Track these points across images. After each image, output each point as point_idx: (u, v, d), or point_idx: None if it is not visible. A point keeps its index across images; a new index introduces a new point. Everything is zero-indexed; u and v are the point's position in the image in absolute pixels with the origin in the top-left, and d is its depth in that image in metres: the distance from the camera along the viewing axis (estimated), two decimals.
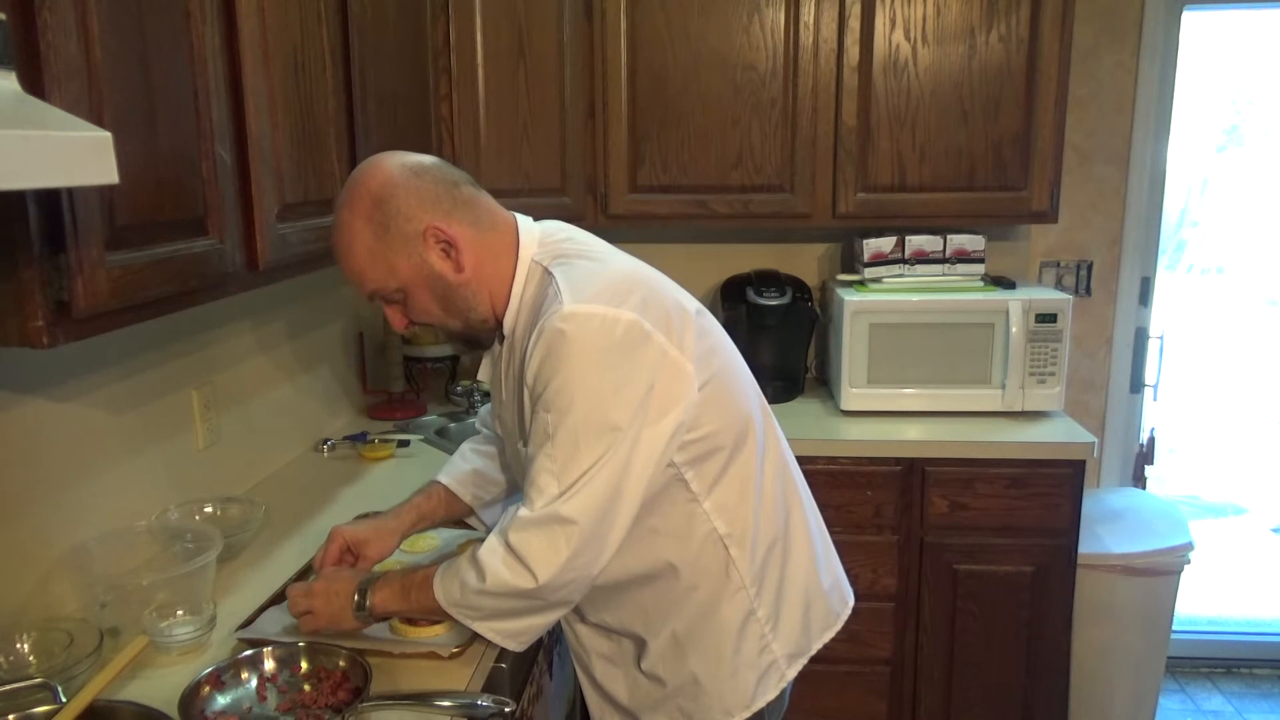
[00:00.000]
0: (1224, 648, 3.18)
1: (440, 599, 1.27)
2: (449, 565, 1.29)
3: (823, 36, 2.46)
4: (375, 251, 1.25)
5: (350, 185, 1.28)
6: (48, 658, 1.27)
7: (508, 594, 1.22)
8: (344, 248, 1.28)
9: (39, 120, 0.83)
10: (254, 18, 1.37)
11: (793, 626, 1.45)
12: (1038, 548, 2.38)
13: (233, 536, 1.64)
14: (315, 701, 1.22)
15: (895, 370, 2.50)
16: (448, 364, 2.81)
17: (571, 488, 1.19)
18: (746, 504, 1.37)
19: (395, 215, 1.25)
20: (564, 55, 2.47)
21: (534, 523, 1.20)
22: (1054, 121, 2.46)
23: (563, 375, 1.19)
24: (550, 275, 1.28)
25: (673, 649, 1.39)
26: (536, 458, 1.21)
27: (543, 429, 1.21)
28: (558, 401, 1.20)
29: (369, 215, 1.25)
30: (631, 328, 1.22)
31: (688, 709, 1.41)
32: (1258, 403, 4.03)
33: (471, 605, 1.26)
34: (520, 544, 1.20)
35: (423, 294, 1.29)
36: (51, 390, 1.46)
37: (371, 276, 1.27)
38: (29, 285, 0.98)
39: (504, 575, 1.21)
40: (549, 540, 1.20)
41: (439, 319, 1.33)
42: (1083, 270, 2.92)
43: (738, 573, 1.38)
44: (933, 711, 2.49)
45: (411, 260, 1.27)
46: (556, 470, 1.20)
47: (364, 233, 1.25)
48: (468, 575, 1.24)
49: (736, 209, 2.56)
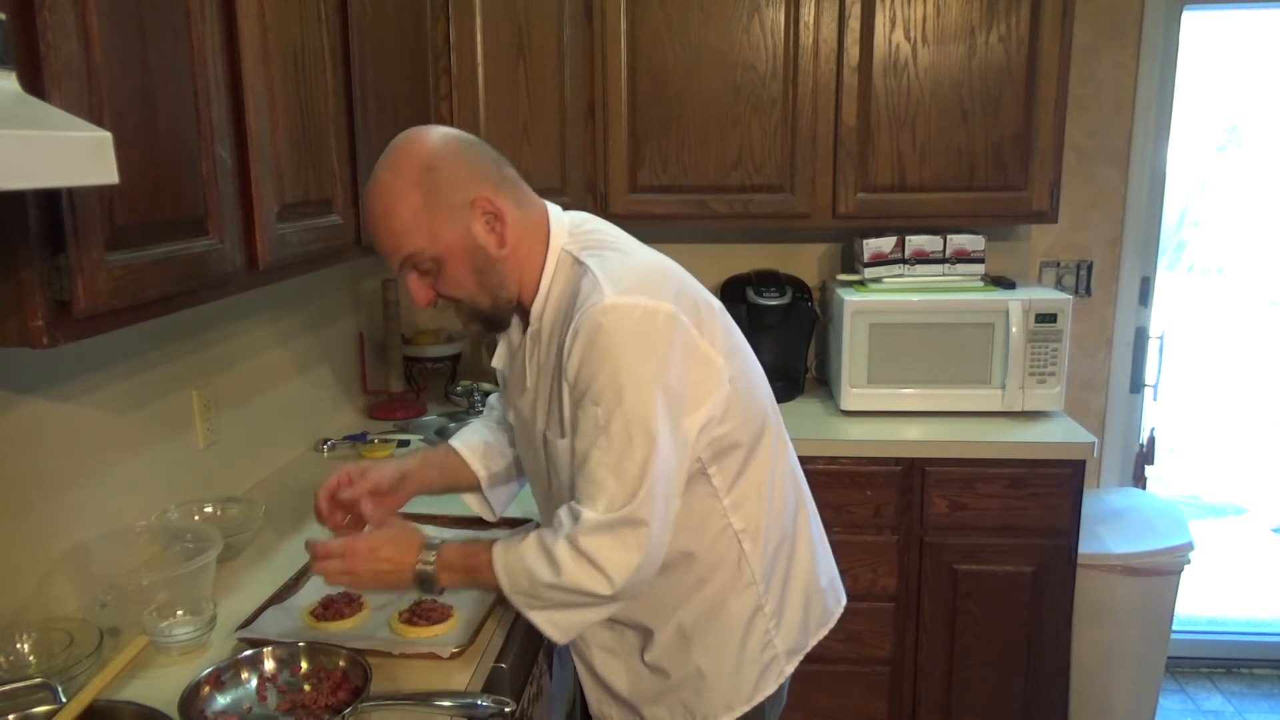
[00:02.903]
0: (1224, 648, 3.18)
1: (505, 586, 1.27)
2: (510, 551, 1.27)
3: (823, 36, 2.46)
4: (420, 216, 1.23)
5: (394, 151, 1.26)
6: (48, 658, 1.27)
7: (579, 593, 1.22)
8: (384, 209, 1.24)
9: (39, 120, 0.83)
10: (254, 18, 1.36)
11: (794, 623, 1.47)
12: (1038, 548, 2.38)
13: (233, 536, 1.64)
14: (315, 701, 1.22)
15: (895, 370, 2.50)
16: (448, 364, 2.81)
17: (637, 486, 1.19)
18: (761, 501, 1.39)
19: (444, 183, 1.24)
20: (564, 55, 2.47)
21: (605, 527, 1.20)
22: (1054, 121, 2.46)
23: (610, 367, 1.19)
24: (583, 265, 1.28)
25: (679, 641, 1.40)
26: (590, 453, 1.21)
27: (593, 422, 1.21)
28: (607, 394, 1.19)
29: (417, 180, 1.23)
30: (670, 319, 1.23)
31: (689, 702, 1.42)
32: (1258, 403, 4.03)
33: (539, 597, 1.25)
34: (594, 549, 1.20)
35: (461, 265, 1.27)
36: (51, 390, 1.46)
37: (411, 241, 1.24)
38: (29, 285, 0.97)
39: (578, 577, 1.21)
40: (623, 544, 1.20)
41: (470, 294, 1.30)
42: (1083, 270, 2.92)
43: (749, 568, 1.40)
44: (933, 711, 2.49)
45: (456, 228, 1.25)
46: (612, 464, 1.20)
47: (410, 196, 1.23)
48: (539, 567, 1.23)
49: (736, 209, 2.56)
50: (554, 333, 1.30)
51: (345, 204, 1.71)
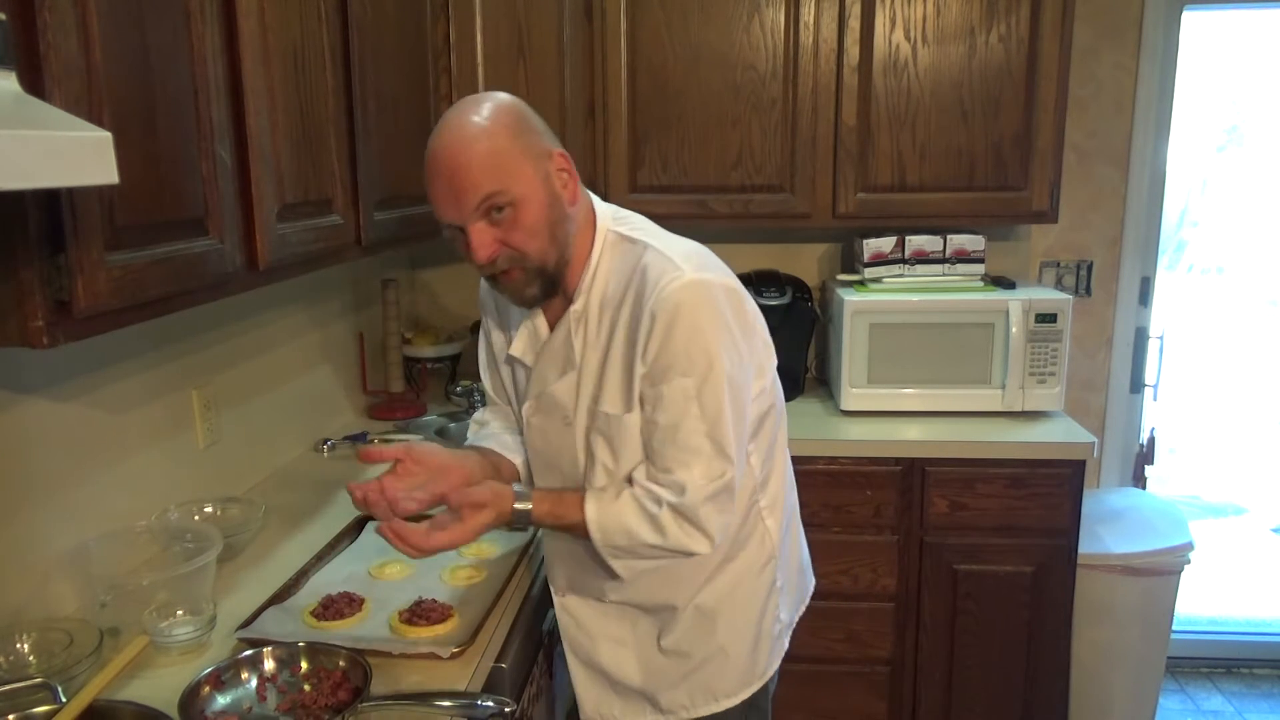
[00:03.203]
0: (1224, 648, 3.18)
1: (599, 541, 1.31)
2: (606, 509, 1.30)
3: (823, 36, 2.46)
4: (508, 153, 1.23)
5: (472, 100, 1.27)
6: (48, 658, 1.27)
7: (678, 552, 1.29)
8: (467, 140, 1.22)
9: (39, 120, 0.83)
10: (254, 18, 1.36)
11: (793, 596, 1.56)
12: (1038, 548, 2.38)
13: (233, 536, 1.64)
14: (315, 701, 1.22)
15: (895, 370, 2.50)
16: (447, 364, 2.82)
17: (732, 452, 1.28)
18: (778, 477, 1.46)
19: (529, 130, 1.27)
20: (564, 55, 2.47)
21: (709, 494, 1.27)
22: (1054, 121, 2.46)
23: (701, 340, 1.24)
24: (642, 244, 1.32)
25: (701, 621, 1.43)
26: (683, 423, 1.26)
27: (683, 394, 1.25)
28: (698, 366, 1.24)
29: (507, 123, 1.25)
30: (739, 294, 1.33)
31: (710, 681, 1.45)
32: (1258, 403, 4.03)
33: (634, 554, 1.31)
34: (701, 515, 1.27)
35: (538, 211, 1.26)
36: (51, 390, 1.46)
37: (496, 177, 1.22)
38: (29, 285, 0.97)
39: (682, 539, 1.28)
40: (721, 507, 1.29)
41: (541, 244, 1.27)
42: (1083, 270, 2.92)
43: (771, 542, 1.45)
44: (933, 711, 2.49)
45: (539, 172, 1.26)
46: (707, 431, 1.26)
47: (500, 134, 1.23)
48: (641, 529, 1.28)
49: (736, 209, 2.56)
50: (609, 310, 1.32)
51: (345, 204, 1.71)
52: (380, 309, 2.71)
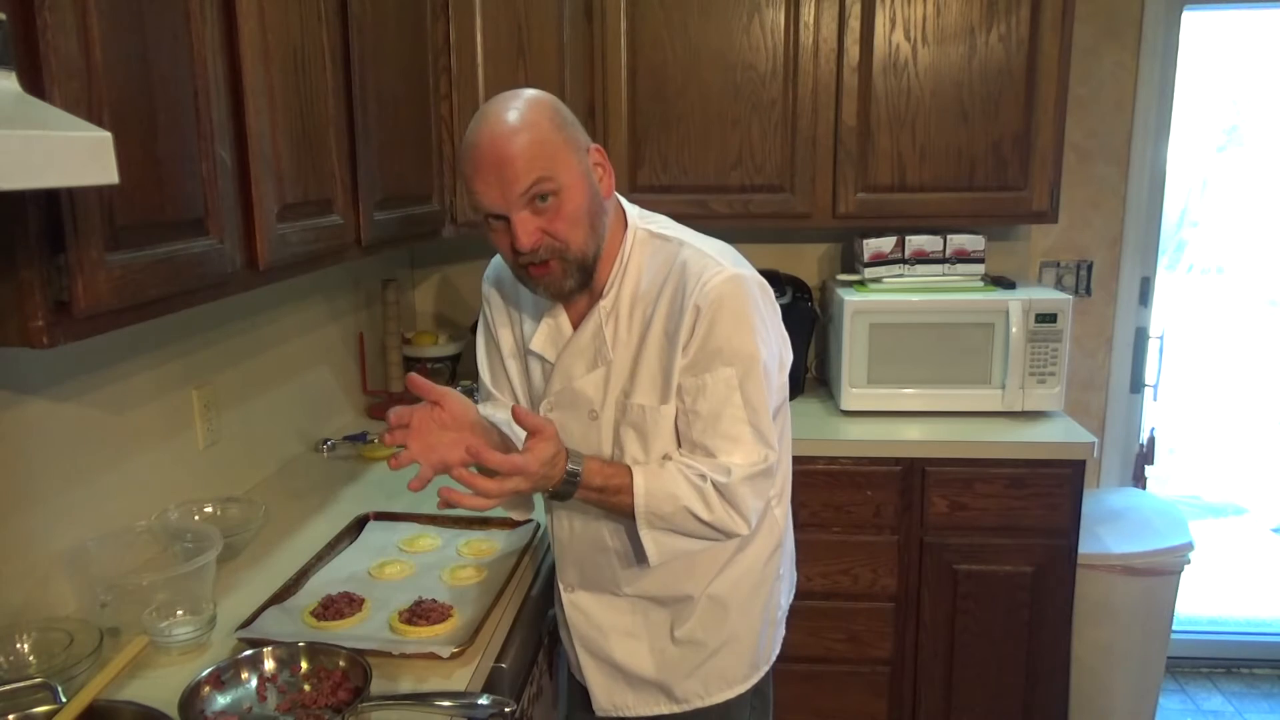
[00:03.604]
0: (1224, 648, 3.18)
1: (642, 508, 1.31)
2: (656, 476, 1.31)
3: (823, 36, 2.46)
4: (554, 142, 1.25)
5: (512, 95, 1.28)
6: (48, 658, 1.27)
7: (716, 530, 1.32)
8: (514, 130, 1.23)
9: (39, 120, 0.83)
10: (254, 18, 1.36)
11: (788, 585, 1.60)
12: (1038, 548, 2.38)
13: (233, 536, 1.64)
14: (315, 701, 1.22)
15: (895, 370, 2.50)
16: (448, 364, 2.81)
17: (771, 440, 1.34)
18: (785, 468, 1.49)
19: (571, 123, 1.30)
20: (564, 55, 2.47)
21: (750, 479, 1.31)
22: (1054, 121, 2.45)
23: (744, 332, 1.30)
24: (675, 240, 1.37)
25: (714, 610, 1.45)
26: (725, 411, 1.30)
27: (725, 384, 1.30)
28: (740, 357, 1.30)
29: (550, 115, 1.27)
30: (768, 289, 1.39)
31: (724, 668, 1.48)
32: (1258, 403, 4.03)
33: (672, 521, 1.32)
34: (741, 498, 1.31)
35: (580, 200, 1.27)
36: (51, 390, 1.46)
37: (544, 164, 1.23)
38: (29, 285, 0.98)
39: (723, 517, 1.31)
40: (759, 492, 1.35)
41: (583, 234, 1.28)
42: (1083, 270, 2.92)
43: (778, 531, 1.49)
44: (933, 711, 2.49)
45: (581, 163, 1.28)
46: (749, 419, 1.31)
47: (544, 124, 1.25)
48: (689, 497, 1.30)
49: (736, 209, 2.56)
50: (641, 304, 1.35)
51: (345, 204, 1.71)
52: (380, 309, 2.71)
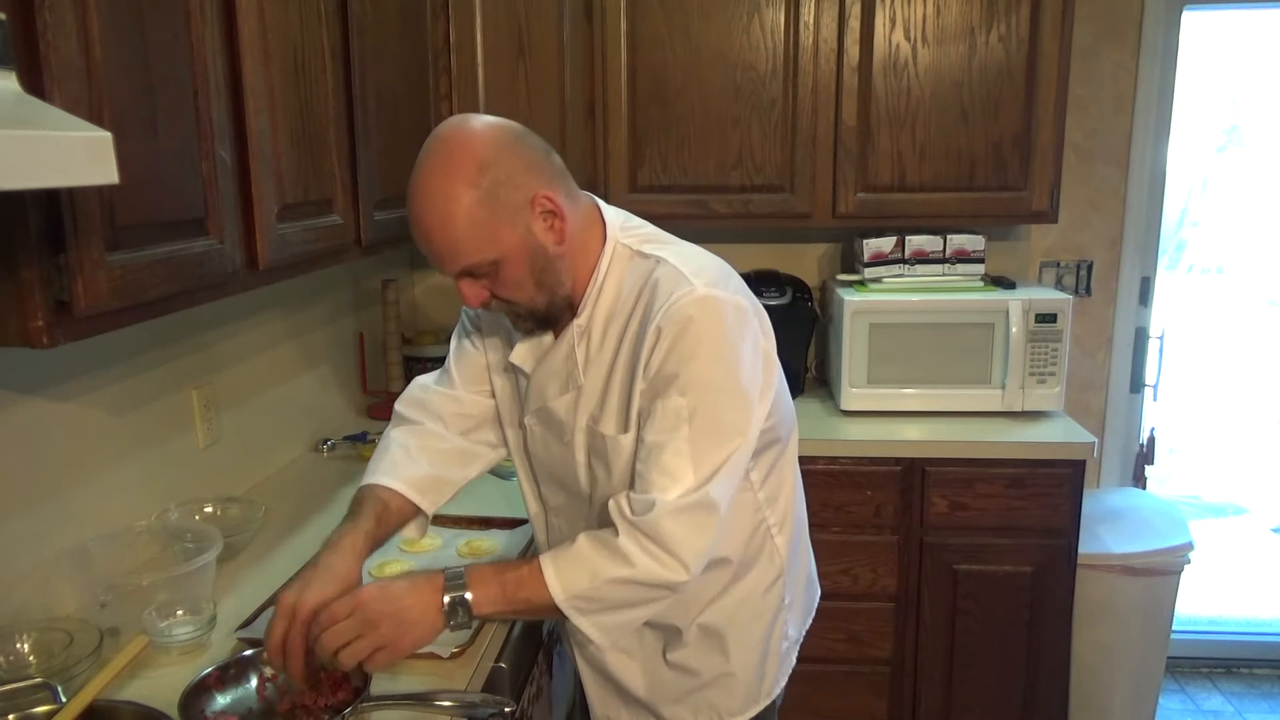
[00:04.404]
0: (1224, 648, 3.18)
1: (557, 591, 1.17)
2: (560, 556, 1.19)
3: (823, 36, 2.46)
4: (479, 221, 1.14)
5: (441, 150, 1.16)
6: (48, 658, 1.27)
7: (651, 585, 1.17)
8: (439, 218, 1.15)
9: (39, 120, 0.82)
10: (254, 18, 1.36)
11: (800, 613, 1.51)
12: (1037, 548, 2.38)
13: (233, 536, 1.64)
14: (315, 701, 1.22)
15: (895, 370, 2.50)
16: None
17: (715, 471, 1.17)
18: (787, 494, 1.41)
19: (504, 182, 1.15)
20: (564, 55, 2.47)
21: (681, 511, 1.16)
22: (1054, 121, 2.46)
23: (703, 359, 1.17)
24: (654, 258, 1.25)
25: (708, 640, 1.39)
26: (668, 443, 1.17)
27: (675, 414, 1.17)
28: (695, 386, 1.17)
29: (474, 181, 1.14)
30: (746, 313, 1.25)
31: (716, 700, 1.41)
32: (1258, 403, 4.03)
33: (600, 597, 1.17)
34: (669, 535, 1.15)
35: (520, 267, 1.19)
36: (51, 390, 1.46)
37: (469, 249, 1.16)
38: (29, 285, 0.97)
39: (654, 568, 1.16)
40: (697, 528, 1.17)
41: (528, 295, 1.23)
42: (1083, 270, 2.92)
43: (779, 560, 1.41)
44: (933, 711, 2.49)
45: (517, 230, 1.17)
46: (692, 453, 1.17)
47: (467, 200, 1.13)
48: (604, 564, 1.16)
49: (736, 209, 2.56)
50: (614, 326, 1.26)
51: (345, 204, 1.71)
52: (380, 309, 2.71)
